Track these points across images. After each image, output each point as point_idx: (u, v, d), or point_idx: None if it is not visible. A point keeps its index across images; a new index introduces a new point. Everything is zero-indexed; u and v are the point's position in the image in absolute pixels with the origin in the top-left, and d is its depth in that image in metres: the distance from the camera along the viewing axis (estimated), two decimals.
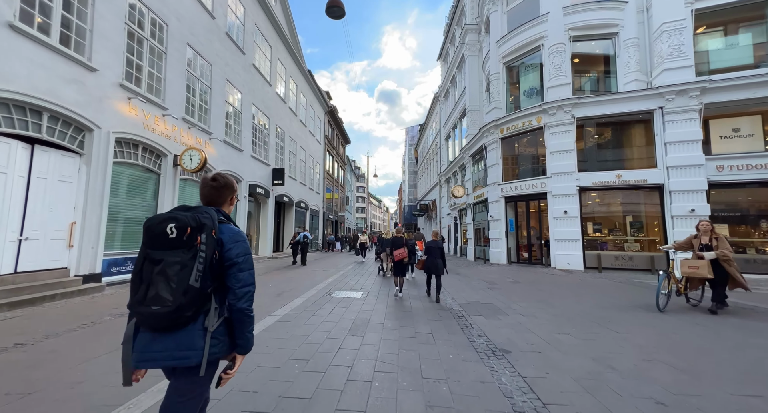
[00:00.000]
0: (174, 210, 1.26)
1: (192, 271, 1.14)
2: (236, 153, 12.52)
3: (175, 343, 1.16)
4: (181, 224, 1.17)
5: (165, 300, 1.11)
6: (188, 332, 1.17)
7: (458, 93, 19.33)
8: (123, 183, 7.50)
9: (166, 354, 1.15)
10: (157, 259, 1.15)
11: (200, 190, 1.42)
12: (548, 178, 10.89)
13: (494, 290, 7.24)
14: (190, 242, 1.17)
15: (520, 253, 12.20)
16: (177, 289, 1.12)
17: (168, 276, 1.13)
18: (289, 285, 7.41)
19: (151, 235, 1.18)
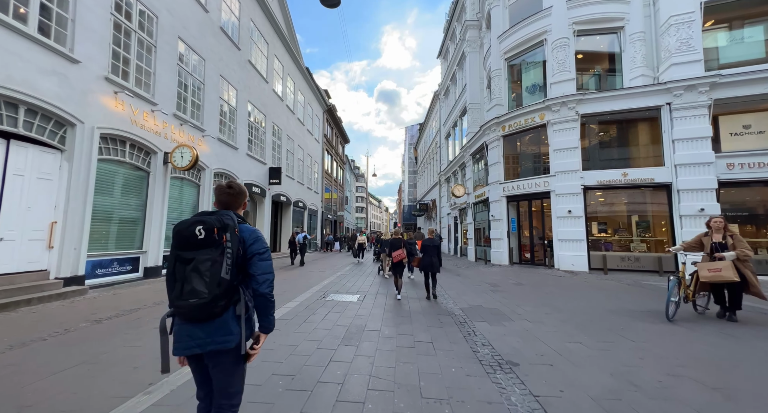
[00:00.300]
0: (198, 215, 1.40)
1: (222, 265, 1.30)
2: (231, 151, 12.20)
3: (214, 331, 1.33)
4: (208, 225, 1.33)
5: (201, 293, 1.27)
6: (224, 320, 1.34)
7: (458, 91, 19.01)
8: (109, 181, 7.17)
9: (208, 341, 1.32)
10: (189, 258, 1.31)
11: (217, 196, 1.55)
12: (551, 176, 10.58)
13: (497, 292, 6.93)
14: (217, 241, 1.32)
15: (522, 254, 11.89)
16: (211, 282, 1.28)
17: (201, 272, 1.28)
18: (283, 287, 7.09)
19: (180, 238, 1.34)
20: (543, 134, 11.16)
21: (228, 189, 1.55)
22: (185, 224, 1.36)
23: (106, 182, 7.06)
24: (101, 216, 6.92)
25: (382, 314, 5.01)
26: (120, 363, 2.94)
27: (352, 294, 6.49)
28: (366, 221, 67.21)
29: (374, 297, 6.31)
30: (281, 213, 19.01)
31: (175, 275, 1.34)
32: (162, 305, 5.32)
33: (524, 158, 12.15)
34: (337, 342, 3.65)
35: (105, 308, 5.02)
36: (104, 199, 7.00)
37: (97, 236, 6.80)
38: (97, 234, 6.82)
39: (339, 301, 5.84)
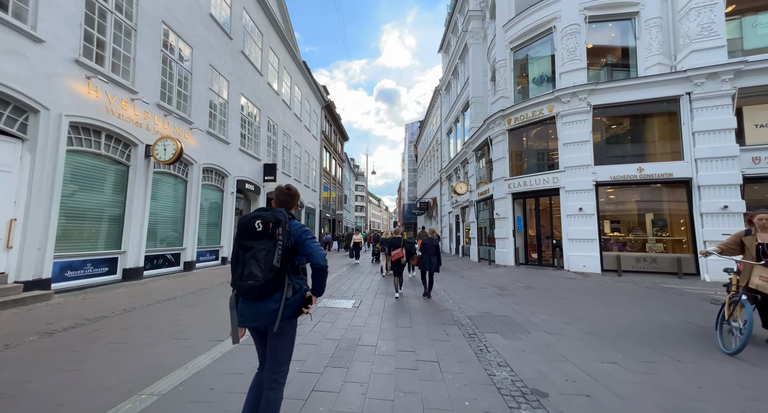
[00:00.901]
0: (257, 211, 1.70)
1: (274, 255, 1.59)
2: (222, 146, 11.57)
3: (266, 309, 1.62)
4: (264, 220, 1.62)
5: (257, 276, 1.56)
6: (272, 301, 1.64)
7: (460, 85, 18.38)
8: (82, 175, 6.55)
9: (260, 316, 1.63)
10: (249, 246, 1.60)
11: (276, 196, 1.91)
12: (561, 172, 9.96)
13: (506, 297, 6.33)
14: (271, 233, 1.61)
15: (529, 254, 11.29)
16: (265, 268, 1.57)
17: (258, 259, 1.57)
18: None
19: (243, 229, 1.65)
20: (551, 127, 10.53)
21: (286, 191, 1.88)
22: (247, 217, 1.64)
23: (77, 176, 6.43)
24: (72, 213, 6.30)
25: (380, 323, 4.40)
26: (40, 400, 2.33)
27: (346, 299, 5.88)
28: (366, 221, 66.64)
29: (371, 303, 5.71)
30: None
31: (237, 259, 1.62)
32: (133, 311, 4.72)
33: (531, 153, 11.53)
34: (324, 362, 3.04)
35: (65, 317, 4.42)
36: (75, 194, 6.38)
37: (67, 235, 6.18)
38: (68, 233, 6.21)
39: (332, 307, 5.24)
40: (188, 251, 9.63)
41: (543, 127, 10.92)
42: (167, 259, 8.91)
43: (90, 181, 6.74)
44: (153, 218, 8.37)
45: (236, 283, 1.60)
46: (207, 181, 10.86)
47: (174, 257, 9.20)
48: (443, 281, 8.59)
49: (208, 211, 11.13)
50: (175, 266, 9.24)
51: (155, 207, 8.46)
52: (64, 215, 6.09)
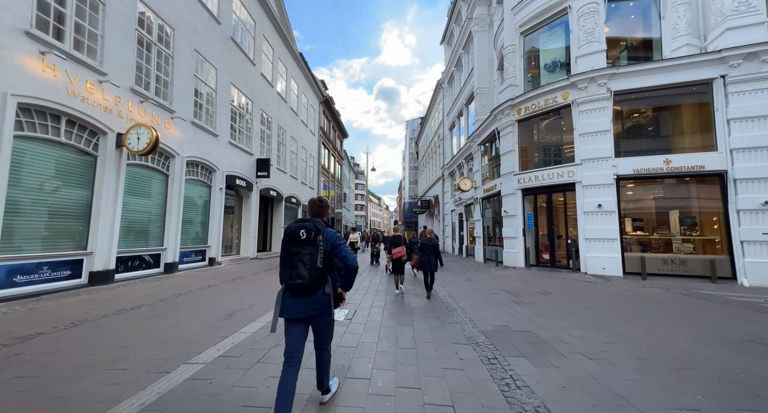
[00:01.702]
0: (298, 221, 2.01)
1: (317, 258, 1.93)
2: (209, 138, 10.74)
3: (314, 302, 1.99)
4: (307, 229, 1.95)
5: (304, 276, 1.90)
6: (319, 294, 2.00)
7: (464, 77, 17.50)
8: (37, 165, 5.72)
9: (308, 309, 1.98)
10: (295, 252, 1.93)
11: (310, 207, 2.24)
12: (577, 165, 9.10)
13: (523, 305, 5.49)
14: (313, 240, 1.95)
15: (540, 254, 10.44)
16: (310, 269, 1.91)
17: (304, 262, 1.91)
18: (253, 299, 5.66)
19: (289, 237, 1.97)
20: (566, 116, 9.67)
21: (319, 203, 2.22)
22: (292, 228, 2.00)
23: (31, 166, 5.61)
24: (23, 209, 5.48)
25: (376, 342, 3.57)
26: None
27: (338, 309, 5.04)
28: (366, 220, 65.86)
29: (367, 313, 4.88)
30: (272, 209, 17.59)
31: (285, 262, 1.98)
32: (81, 325, 3.89)
33: (543, 146, 10.66)
34: (299, 408, 2.21)
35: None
36: (25, 188, 5.55)
37: (15, 234, 5.36)
38: (16, 231, 5.39)
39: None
40: (169, 251, 8.82)
41: (556, 116, 10.05)
42: (144, 260, 8.10)
43: (47, 172, 5.91)
44: (127, 215, 7.55)
45: (287, 282, 1.95)
46: (192, 176, 10.04)
47: (153, 258, 8.38)
48: (448, 285, 7.76)
49: (194, 208, 10.31)
50: (154, 268, 8.43)
51: (130, 203, 7.65)
52: (12, 211, 5.27)
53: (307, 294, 1.96)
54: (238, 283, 7.64)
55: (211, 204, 11.09)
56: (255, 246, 14.33)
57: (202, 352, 3.14)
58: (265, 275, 9.22)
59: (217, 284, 7.39)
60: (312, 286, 1.93)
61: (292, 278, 1.91)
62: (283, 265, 1.98)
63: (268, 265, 11.92)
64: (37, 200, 5.72)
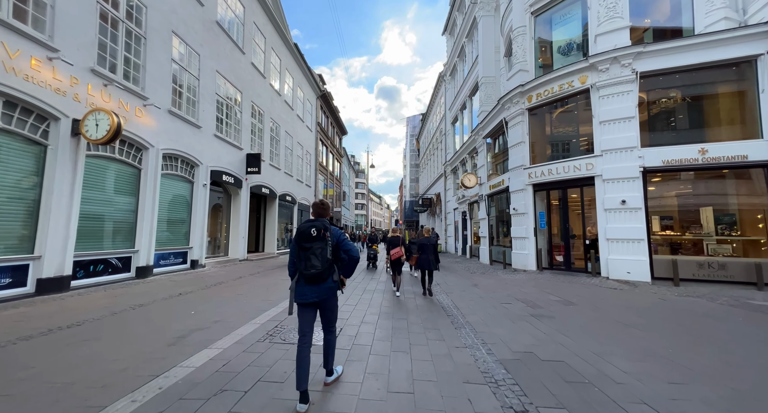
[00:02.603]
0: (308, 222, 2.41)
1: (327, 251, 2.32)
2: (190, 129, 9.83)
3: (324, 288, 2.36)
4: (317, 228, 2.34)
5: (317, 266, 2.29)
6: (327, 282, 2.36)
7: (468, 67, 16.51)
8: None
9: (319, 293, 2.34)
10: (307, 247, 2.33)
11: (314, 209, 2.56)
12: (597, 157, 8.13)
13: (544, 320, 4.55)
14: (323, 237, 2.33)
15: (554, 256, 9.47)
16: (322, 261, 2.30)
17: (316, 254, 2.30)
18: (221, 313, 4.75)
19: (302, 235, 2.36)
20: (584, 102, 8.69)
21: (321, 205, 2.54)
22: (304, 226, 2.38)
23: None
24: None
25: (360, 382, 2.64)
26: None
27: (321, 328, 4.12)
28: (366, 219, 64.96)
29: (355, 332, 3.95)
30: (265, 208, 16.70)
31: (299, 256, 2.36)
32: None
33: (557, 136, 9.68)
34: None
35: None
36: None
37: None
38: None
39: (293, 344, 3.49)
40: (142, 253, 7.92)
41: (572, 103, 9.07)
42: (111, 264, 7.20)
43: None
44: (88, 213, 6.66)
45: (303, 272, 2.33)
46: (170, 170, 9.14)
47: (122, 261, 7.49)
48: (452, 291, 6.83)
49: (173, 206, 9.41)
50: (124, 273, 7.54)
51: (92, 199, 6.75)
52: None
53: (320, 282, 2.33)
54: (215, 290, 6.74)
55: (193, 202, 10.19)
56: (245, 247, 13.45)
57: (136, 390, 2.24)
58: (250, 279, 8.32)
59: (190, 292, 6.49)
60: (324, 274, 2.31)
61: (307, 269, 2.30)
62: (297, 258, 2.38)
63: (256, 267, 11.02)
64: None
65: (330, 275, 2.35)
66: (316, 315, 2.45)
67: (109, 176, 7.24)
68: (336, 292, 2.47)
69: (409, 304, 5.62)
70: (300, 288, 2.35)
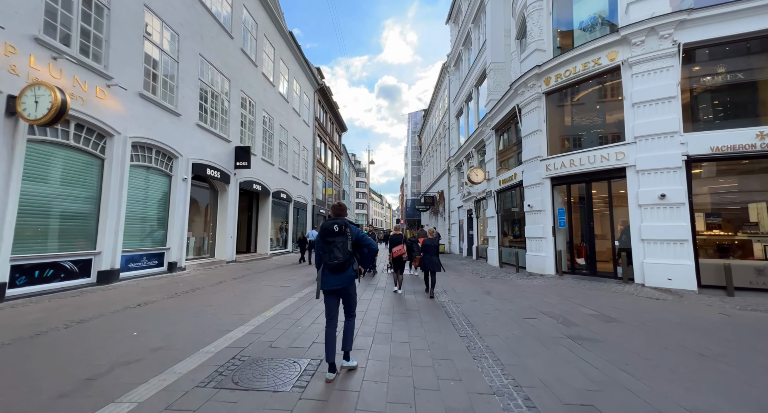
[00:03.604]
0: (331, 220, 2.77)
1: (347, 245, 2.67)
2: (167, 117, 8.81)
3: (345, 277, 2.71)
4: (339, 224, 2.69)
5: (339, 258, 2.62)
6: (348, 271, 2.72)
7: (474, 55, 15.41)
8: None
9: (341, 281, 2.70)
10: (330, 241, 2.67)
11: (333, 210, 2.94)
12: (629, 145, 7.04)
13: (589, 346, 3.48)
14: (343, 232, 2.68)
15: (575, 259, 8.38)
16: (343, 253, 2.63)
17: (338, 248, 2.64)
18: (175, 333, 3.70)
19: (325, 231, 2.70)
20: (613, 83, 7.60)
21: (339, 206, 2.93)
22: (327, 224, 2.73)
23: None
24: None
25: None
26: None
27: (292, 361, 3.04)
28: (367, 218, 63.94)
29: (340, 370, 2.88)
30: (257, 206, 15.67)
31: (324, 249, 2.70)
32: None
33: (580, 122, 8.57)
34: None
35: None
36: None
37: None
38: None
39: (254, 390, 2.41)
40: (106, 255, 6.91)
41: (600, 83, 7.96)
42: (64, 269, 6.18)
43: None
44: (30, 209, 5.64)
45: (327, 263, 2.66)
46: (142, 162, 8.12)
47: (79, 264, 6.47)
48: (462, 301, 5.77)
49: (146, 201, 8.40)
50: (82, 278, 6.53)
51: (34, 192, 5.73)
52: None
53: (341, 271, 2.69)
54: (184, 299, 5.70)
55: (171, 197, 9.17)
56: (233, 247, 12.43)
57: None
58: (231, 284, 7.29)
59: (152, 301, 5.47)
60: (345, 265, 2.67)
61: (331, 260, 2.65)
62: (322, 251, 2.71)
63: (243, 270, 10.00)
64: None
65: (350, 266, 2.71)
66: (339, 302, 2.81)
67: (60, 166, 6.21)
68: (354, 281, 2.82)
69: (413, 322, 4.56)
70: (325, 277, 2.72)
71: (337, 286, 2.69)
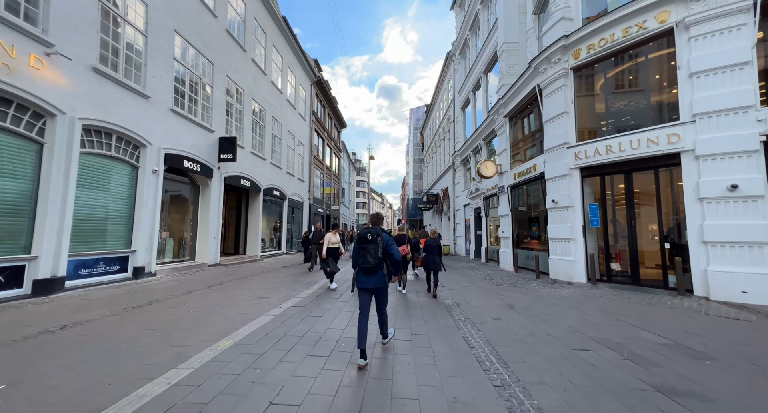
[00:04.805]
0: (366, 229, 3.23)
1: (378, 251, 3.06)
2: (132, 98, 7.56)
3: (376, 279, 3.10)
4: (372, 233, 3.13)
5: (370, 262, 3.05)
6: (380, 274, 3.11)
7: (482, 38, 14.10)
8: None
9: (374, 282, 3.10)
10: (365, 247, 3.10)
11: (371, 218, 3.41)
12: (686, 124, 5.72)
13: (698, 410, 2.16)
14: (376, 240, 3.10)
15: (609, 265, 7.06)
16: (374, 257, 3.05)
17: (371, 253, 3.06)
18: (64, 386, 2.42)
19: (361, 238, 3.16)
20: (662, 52, 6.28)
21: (376, 216, 3.40)
22: (363, 232, 3.20)
23: None
24: None
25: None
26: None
27: None
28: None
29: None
30: (247, 203, 14.43)
31: (360, 253, 3.13)
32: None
33: (617, 101, 7.24)
34: None
35: None
36: None
37: None
38: None
39: None
40: (44, 261, 5.66)
41: (641, 56, 6.64)
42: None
43: None
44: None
45: (361, 265, 3.10)
46: (98, 149, 6.88)
47: (6, 273, 5.22)
48: (483, 319, 4.48)
49: (105, 195, 7.16)
50: (11, 289, 5.29)
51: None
52: None
53: (373, 273, 3.10)
54: (130, 316, 4.45)
55: (139, 192, 7.93)
56: (217, 249, 11.18)
57: None
58: (201, 295, 6.03)
59: (87, 321, 4.25)
60: (375, 268, 3.08)
61: (364, 263, 3.07)
62: (358, 255, 3.15)
63: (224, 275, 8.75)
64: None
65: (380, 269, 3.13)
66: (371, 298, 3.21)
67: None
68: (387, 282, 3.20)
69: (426, 372, 3.27)
70: (359, 277, 3.15)
71: (369, 285, 3.11)
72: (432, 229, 6.98)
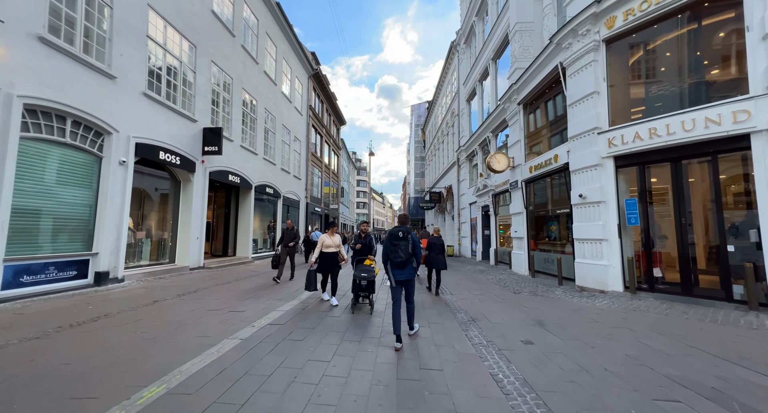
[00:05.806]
0: (397, 227, 3.74)
1: (408, 247, 3.55)
2: (91, 77, 6.52)
3: (407, 272, 3.58)
4: (403, 231, 3.64)
5: (401, 257, 3.54)
6: (409, 267, 3.59)
7: (491, 23, 13.02)
8: None
9: (405, 275, 3.58)
10: (396, 243, 3.59)
11: (399, 219, 3.97)
12: (758, 98, 4.63)
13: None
14: (406, 238, 3.60)
15: (651, 270, 5.95)
16: (405, 253, 3.54)
17: (402, 249, 3.55)
18: None
19: (393, 235, 3.64)
20: (721, 16, 5.20)
21: (404, 217, 3.92)
22: (395, 230, 3.66)
23: None
24: None
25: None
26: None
27: None
28: (369, 218, 61.60)
29: None
30: (237, 201, 13.39)
31: (392, 248, 3.56)
32: None
33: (661, 77, 6.13)
34: None
35: None
36: None
37: None
38: None
39: None
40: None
41: (694, 22, 5.55)
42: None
43: None
44: None
45: (393, 259, 3.55)
46: (48, 134, 5.83)
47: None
48: (510, 346, 3.41)
49: (59, 188, 6.11)
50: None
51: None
52: None
53: (404, 267, 3.54)
54: (55, 342, 3.40)
55: (102, 186, 6.89)
56: (200, 251, 10.13)
57: None
58: (167, 306, 4.97)
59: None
60: (406, 263, 3.53)
61: (396, 258, 3.52)
62: (390, 251, 3.57)
63: (206, 281, 7.71)
64: None
65: (410, 264, 3.57)
66: (402, 290, 3.65)
67: None
68: (414, 275, 3.64)
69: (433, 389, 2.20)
70: (393, 271, 3.57)
71: (401, 277, 3.57)
72: (435, 228, 7.00)
